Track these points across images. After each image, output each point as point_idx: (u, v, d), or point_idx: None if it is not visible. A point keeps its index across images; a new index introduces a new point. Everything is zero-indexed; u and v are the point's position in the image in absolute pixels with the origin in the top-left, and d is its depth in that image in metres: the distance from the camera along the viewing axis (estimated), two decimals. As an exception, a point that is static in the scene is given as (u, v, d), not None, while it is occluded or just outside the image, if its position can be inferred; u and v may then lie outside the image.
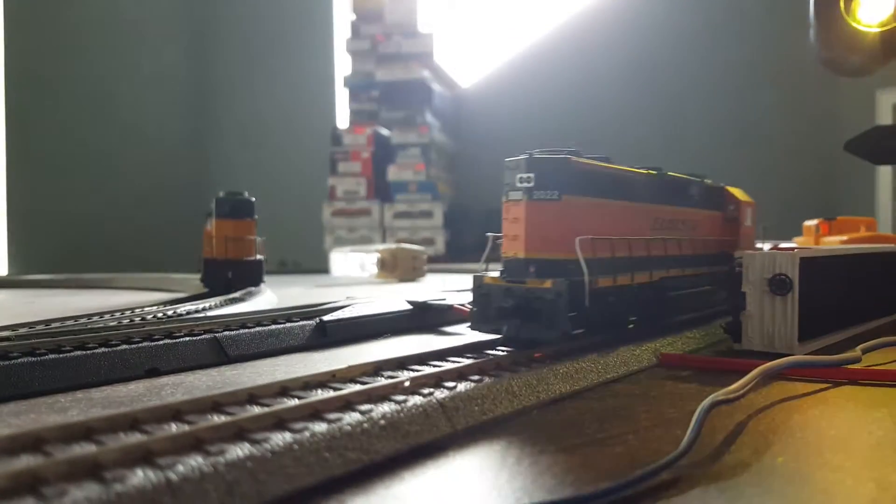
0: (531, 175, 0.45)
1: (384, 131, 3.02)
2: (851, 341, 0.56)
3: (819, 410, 0.38)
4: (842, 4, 0.78)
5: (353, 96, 3.17)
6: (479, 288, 0.46)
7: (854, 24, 0.77)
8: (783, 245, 0.76)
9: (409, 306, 0.71)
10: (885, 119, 2.52)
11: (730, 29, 3.08)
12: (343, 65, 3.34)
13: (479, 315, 0.46)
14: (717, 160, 3.04)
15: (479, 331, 0.46)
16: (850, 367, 0.45)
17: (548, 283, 0.42)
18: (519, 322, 0.43)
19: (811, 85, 2.86)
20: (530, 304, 0.43)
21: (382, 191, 2.95)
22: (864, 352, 0.46)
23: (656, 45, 3.19)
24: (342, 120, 3.40)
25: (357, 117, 3.14)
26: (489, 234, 0.49)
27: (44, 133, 2.87)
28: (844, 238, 0.86)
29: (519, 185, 0.45)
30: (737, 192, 0.68)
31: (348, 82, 3.18)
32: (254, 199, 1.04)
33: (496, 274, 0.46)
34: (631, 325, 0.52)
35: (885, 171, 2.57)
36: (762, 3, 3.00)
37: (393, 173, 2.94)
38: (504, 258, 0.46)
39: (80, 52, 3.02)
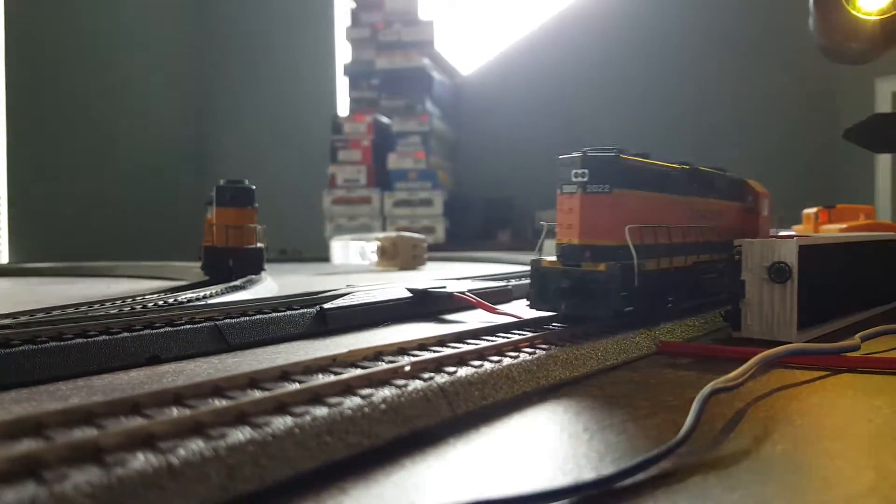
0: (585, 171, 0.50)
1: (384, 119, 3.01)
2: (850, 329, 0.56)
3: (818, 398, 0.38)
4: (843, -9, 0.77)
5: (354, 84, 3.16)
6: (537, 271, 0.51)
7: (853, 12, 0.77)
8: (782, 233, 0.76)
9: (410, 294, 0.71)
10: (884, 107, 2.52)
11: (729, 18, 3.07)
12: (343, 53, 3.32)
13: (537, 295, 0.51)
14: (715, 147, 3.03)
15: (538, 309, 0.51)
16: (849, 354, 0.45)
17: (602, 266, 0.48)
18: (575, 300, 0.48)
19: (810, 73, 2.85)
20: (586, 284, 0.48)
21: (382, 179, 2.94)
22: (864, 339, 0.46)
23: (655, 33, 3.17)
24: (342, 108, 3.39)
25: (357, 105, 3.13)
26: (543, 222, 0.56)
27: (44, 122, 2.86)
28: (844, 226, 0.86)
29: (574, 179, 0.51)
30: (755, 185, 0.71)
31: (348, 70, 3.17)
32: (254, 187, 1.04)
33: (552, 258, 0.51)
34: (669, 305, 0.56)
35: (884, 160, 2.56)
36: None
37: (393, 161, 2.94)
38: (558, 244, 0.51)
39: (81, 41, 3.01)
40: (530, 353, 0.40)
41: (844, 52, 0.87)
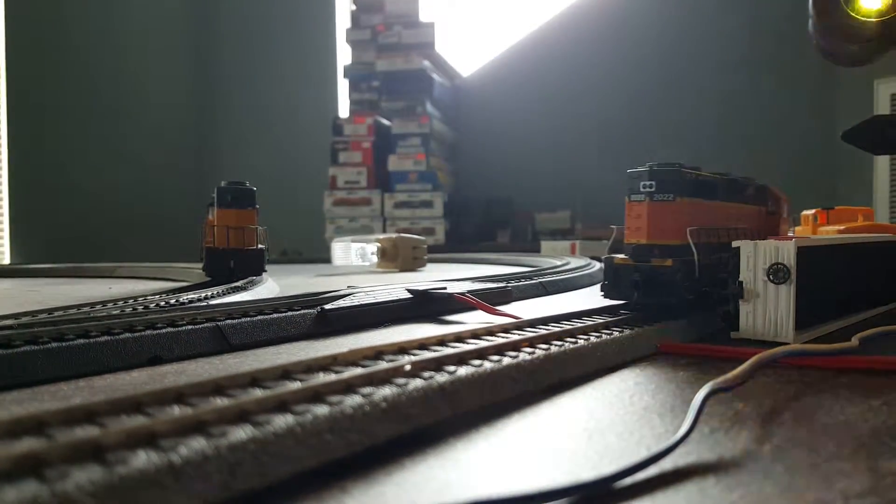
0: (652, 182, 0.60)
1: (385, 121, 3.01)
2: (849, 330, 0.56)
3: (816, 399, 0.38)
4: (842, -6, 0.77)
5: (354, 86, 3.16)
6: (611, 267, 0.60)
7: (852, 14, 0.77)
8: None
9: (410, 295, 0.71)
10: (883, 109, 2.52)
11: (729, 20, 3.07)
12: (343, 55, 3.33)
13: (610, 287, 0.60)
14: (714, 149, 3.04)
15: (611, 298, 0.60)
16: (847, 355, 0.45)
17: (669, 262, 0.56)
18: (646, 291, 0.56)
19: (809, 75, 2.85)
20: (655, 277, 0.56)
21: (383, 180, 2.95)
22: (862, 340, 0.47)
23: (656, 34, 3.18)
24: (343, 110, 3.39)
25: (357, 107, 3.14)
26: (613, 226, 0.67)
27: (46, 123, 2.87)
28: (842, 227, 0.86)
29: (642, 189, 0.60)
30: (775, 190, 0.78)
31: (349, 72, 3.17)
32: (255, 188, 1.04)
33: (623, 256, 0.60)
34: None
35: (882, 161, 2.56)
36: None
37: (393, 163, 2.94)
38: (627, 244, 0.60)
39: (83, 44, 3.01)
40: (530, 353, 0.40)
41: (843, 53, 0.87)
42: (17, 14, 2.75)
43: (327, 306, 0.63)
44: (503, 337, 0.44)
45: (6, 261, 2.74)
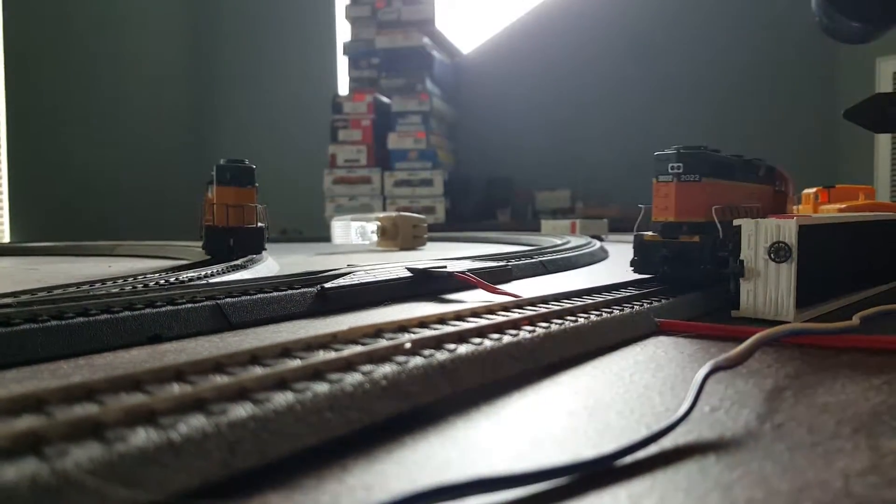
0: (679, 164, 0.63)
1: (384, 99, 2.99)
2: (849, 309, 0.56)
3: (817, 377, 0.38)
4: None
5: (353, 63, 3.14)
6: (641, 244, 0.64)
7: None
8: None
9: (410, 274, 0.71)
10: (885, 87, 2.50)
11: (731, 0, 3.04)
12: (343, 32, 3.30)
13: (640, 262, 0.64)
14: (718, 127, 3.02)
15: (641, 273, 0.64)
16: (847, 334, 0.45)
17: (696, 238, 0.59)
18: (674, 265, 0.60)
19: (812, 53, 2.83)
20: (684, 253, 0.59)
21: (383, 159, 2.93)
22: (862, 319, 0.46)
23: (655, 14, 3.14)
24: (342, 87, 3.37)
25: (357, 85, 3.12)
26: (641, 205, 0.68)
27: (45, 104, 2.85)
28: (843, 206, 0.86)
29: (670, 171, 0.63)
30: (782, 170, 0.81)
31: (348, 49, 3.14)
32: (255, 166, 1.04)
33: (652, 233, 0.64)
34: None
35: (884, 140, 2.55)
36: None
37: (393, 141, 2.93)
38: (655, 222, 0.64)
39: (82, 23, 2.98)
40: (530, 332, 0.40)
41: (845, 31, 0.86)
42: (18, 2, 2.72)
43: (327, 285, 0.63)
44: (503, 315, 0.44)
45: (6, 239, 2.74)
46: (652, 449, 0.26)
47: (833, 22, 0.88)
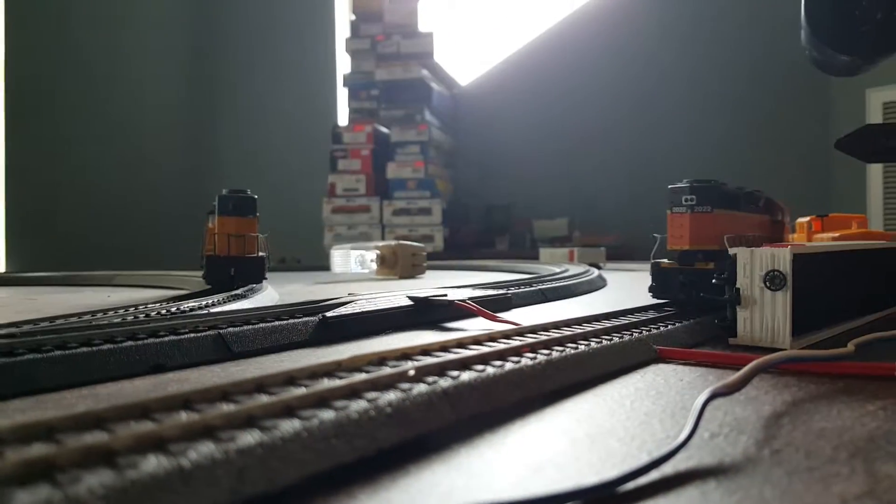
0: (693, 196, 0.68)
1: (383, 129, 3.02)
2: (845, 336, 0.56)
3: (814, 404, 0.39)
4: (833, 5, 0.78)
5: (353, 95, 3.18)
6: (659, 270, 0.68)
7: (844, 25, 0.78)
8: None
9: (411, 302, 0.72)
10: (875, 117, 2.53)
11: (722, 31, 3.10)
12: (343, 64, 3.34)
13: (658, 287, 0.68)
14: (710, 158, 3.05)
15: (659, 298, 0.68)
16: (843, 361, 0.45)
17: (711, 265, 0.62)
18: (691, 291, 0.63)
19: (804, 85, 2.87)
20: (700, 279, 0.63)
21: (382, 188, 2.95)
22: (857, 346, 0.47)
23: (650, 45, 3.19)
24: (342, 118, 3.41)
25: (357, 115, 3.15)
26: (655, 234, 0.72)
27: (43, 132, 2.87)
28: (836, 235, 0.87)
29: (684, 202, 0.68)
30: (778, 201, 0.85)
31: (348, 81, 3.18)
32: (256, 196, 1.05)
33: (668, 260, 0.68)
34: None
35: (875, 169, 2.58)
36: (754, 5, 3.01)
37: (392, 171, 2.95)
38: (670, 250, 0.68)
39: (79, 50, 3.02)
40: (532, 359, 0.41)
41: (836, 64, 0.88)
42: (16, 28, 2.76)
43: (329, 313, 0.63)
44: (505, 343, 0.45)
45: (1, 269, 2.74)
46: (653, 475, 0.27)
47: (823, 55, 0.90)
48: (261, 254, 1.04)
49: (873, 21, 0.81)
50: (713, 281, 0.58)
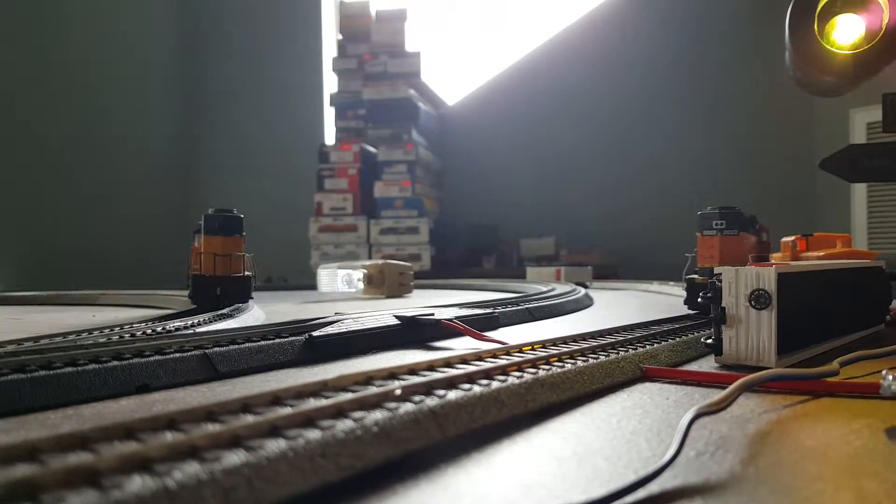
0: (722, 221, 0.81)
1: (371, 148, 3.03)
2: (829, 354, 0.57)
3: (799, 422, 0.39)
4: (815, 27, 0.80)
5: (340, 114, 3.19)
6: (692, 285, 0.78)
7: (827, 46, 0.80)
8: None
9: (398, 321, 0.72)
10: (859, 137, 2.57)
11: (708, 53, 3.15)
12: (330, 83, 3.36)
13: (692, 300, 0.78)
14: (697, 179, 3.08)
15: (693, 309, 0.79)
16: (828, 379, 0.46)
17: None
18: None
19: (788, 105, 2.91)
20: None
21: (369, 207, 2.96)
22: (842, 365, 0.47)
23: (635, 68, 3.24)
24: (329, 137, 3.41)
25: (344, 135, 3.16)
26: (687, 253, 0.84)
27: (27, 148, 2.85)
28: (821, 254, 0.88)
29: (714, 226, 0.81)
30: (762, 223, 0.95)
31: (335, 100, 3.20)
32: (242, 216, 1.05)
33: (700, 276, 0.78)
34: None
35: (859, 189, 2.62)
36: (737, 28, 3.07)
37: (379, 190, 2.96)
38: (701, 268, 0.79)
39: (64, 66, 3.02)
40: (518, 377, 0.41)
41: (819, 84, 0.90)
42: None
43: (315, 333, 0.63)
44: (492, 361, 0.45)
45: (-14, 288, 2.71)
46: (640, 494, 0.27)
47: (806, 76, 0.91)
48: (247, 273, 1.04)
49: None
50: (698, 300, 0.58)
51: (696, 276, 0.79)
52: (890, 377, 0.37)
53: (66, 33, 3.01)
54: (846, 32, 0.79)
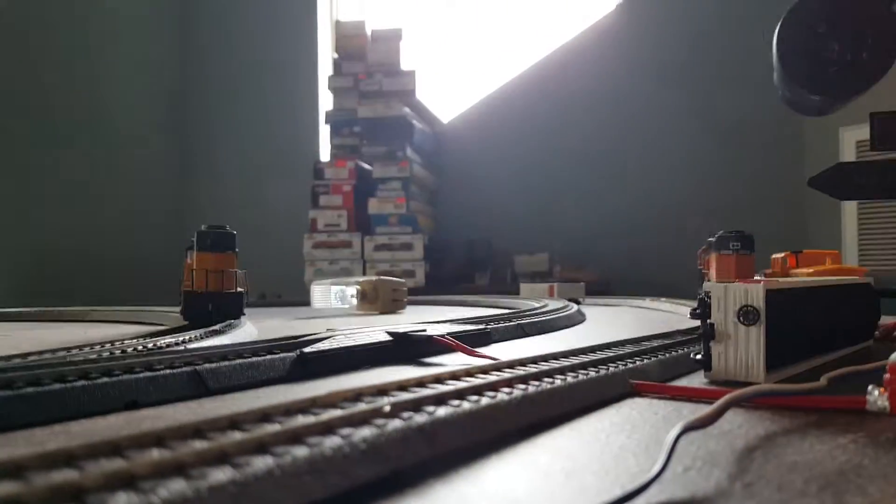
0: (738, 243, 0.97)
1: (365, 165, 3.04)
2: (818, 370, 0.57)
3: (786, 437, 0.39)
4: (804, 45, 0.81)
5: (335, 131, 3.20)
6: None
7: (815, 66, 0.80)
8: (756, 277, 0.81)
9: (390, 338, 0.72)
10: (848, 155, 2.59)
11: (698, 71, 3.17)
12: (325, 101, 3.37)
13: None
14: (686, 196, 3.10)
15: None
16: (815, 395, 0.46)
17: None
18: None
19: (777, 123, 2.94)
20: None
21: (363, 223, 2.96)
22: (830, 381, 0.48)
23: (628, 84, 3.26)
24: (324, 154, 3.42)
25: (339, 152, 3.17)
26: (701, 266, 1.01)
27: (14, 164, 2.84)
28: (810, 270, 0.89)
29: (731, 247, 0.97)
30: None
31: (330, 118, 3.21)
32: (235, 232, 1.05)
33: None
34: None
35: (849, 206, 2.63)
36: (728, 46, 3.10)
37: (374, 206, 2.96)
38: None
39: (56, 77, 3.02)
40: (508, 394, 0.41)
41: (807, 104, 0.91)
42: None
43: (306, 349, 0.63)
44: (482, 378, 0.45)
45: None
46: (625, 509, 0.27)
47: (795, 95, 0.92)
48: (239, 289, 1.04)
49: (844, 62, 0.83)
50: (688, 316, 0.58)
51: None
52: (876, 392, 0.38)
53: (59, 41, 3.01)
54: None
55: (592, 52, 3.33)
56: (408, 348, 0.72)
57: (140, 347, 0.69)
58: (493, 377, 0.45)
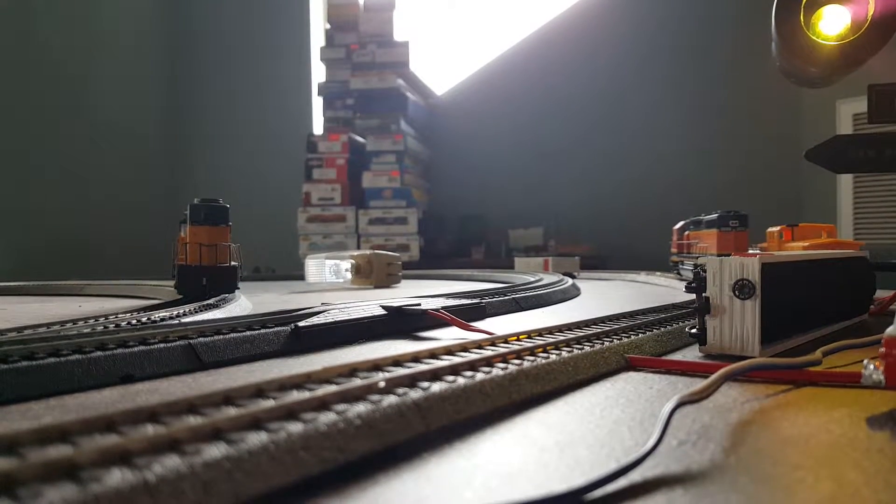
0: (737, 220, 1.13)
1: (359, 138, 3.02)
2: (813, 344, 0.57)
3: (781, 411, 0.39)
4: (802, 18, 0.80)
5: (328, 104, 3.17)
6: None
7: (813, 38, 0.80)
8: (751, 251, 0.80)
9: (384, 312, 0.71)
10: (845, 128, 2.59)
11: (694, 44, 3.15)
12: (318, 73, 3.34)
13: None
14: (681, 170, 3.09)
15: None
16: (811, 369, 0.46)
17: None
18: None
19: (774, 96, 2.92)
20: None
21: (357, 197, 2.95)
22: (825, 354, 0.48)
23: (623, 57, 3.24)
24: (317, 127, 3.39)
25: (332, 125, 3.14)
26: (700, 244, 1.17)
27: (12, 139, 2.82)
28: (806, 244, 0.89)
29: (730, 224, 1.12)
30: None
31: (323, 90, 3.18)
32: (228, 205, 1.04)
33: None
34: None
35: (845, 180, 2.63)
36: (724, 17, 3.07)
37: (368, 180, 2.95)
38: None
39: (49, 51, 2.98)
40: (503, 369, 0.41)
41: (805, 75, 0.90)
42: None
43: (301, 323, 0.63)
44: (477, 353, 0.45)
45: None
46: (621, 482, 0.27)
47: (793, 67, 0.91)
48: (233, 263, 1.03)
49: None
50: (684, 290, 0.58)
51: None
52: (871, 366, 0.38)
53: (55, 19, 2.97)
54: (832, 23, 0.79)
55: (588, 25, 3.29)
56: (402, 322, 0.72)
57: (134, 321, 0.69)
58: (488, 352, 0.45)
